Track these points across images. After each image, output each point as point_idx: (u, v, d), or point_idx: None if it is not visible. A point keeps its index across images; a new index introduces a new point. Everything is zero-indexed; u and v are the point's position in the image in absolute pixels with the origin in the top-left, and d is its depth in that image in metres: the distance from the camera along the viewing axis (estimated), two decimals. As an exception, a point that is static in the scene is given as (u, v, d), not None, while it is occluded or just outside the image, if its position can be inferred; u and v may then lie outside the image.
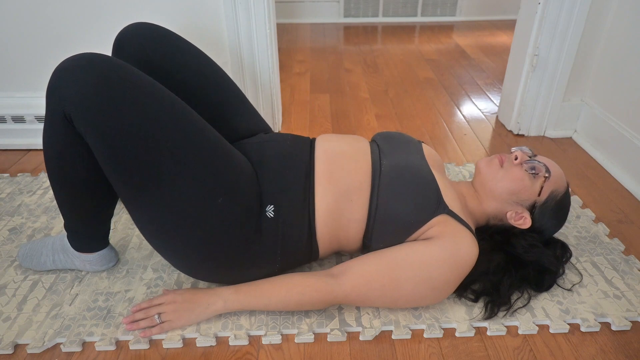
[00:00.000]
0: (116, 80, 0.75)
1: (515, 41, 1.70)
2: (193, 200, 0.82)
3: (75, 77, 0.73)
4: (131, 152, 0.77)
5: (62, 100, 0.74)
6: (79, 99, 0.73)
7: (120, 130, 0.75)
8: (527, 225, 0.96)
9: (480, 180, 0.99)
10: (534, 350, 0.89)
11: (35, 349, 0.87)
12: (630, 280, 1.03)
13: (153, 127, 0.77)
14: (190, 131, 0.81)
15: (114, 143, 0.76)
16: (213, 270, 0.91)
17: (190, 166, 0.81)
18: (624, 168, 1.44)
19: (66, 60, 0.75)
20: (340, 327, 0.92)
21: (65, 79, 0.74)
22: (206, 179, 0.82)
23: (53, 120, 0.78)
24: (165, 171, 0.79)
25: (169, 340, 0.88)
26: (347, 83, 2.26)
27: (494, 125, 1.83)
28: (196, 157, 0.81)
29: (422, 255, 0.86)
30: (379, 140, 1.04)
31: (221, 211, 0.84)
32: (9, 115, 1.54)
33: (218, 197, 0.83)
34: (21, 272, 1.05)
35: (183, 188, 0.81)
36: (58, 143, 0.81)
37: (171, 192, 0.80)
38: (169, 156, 0.78)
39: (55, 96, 0.75)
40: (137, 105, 0.76)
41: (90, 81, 0.73)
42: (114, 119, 0.75)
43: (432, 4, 3.47)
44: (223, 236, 0.85)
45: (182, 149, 0.80)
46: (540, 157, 0.99)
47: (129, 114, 0.75)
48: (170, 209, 0.82)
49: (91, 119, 0.74)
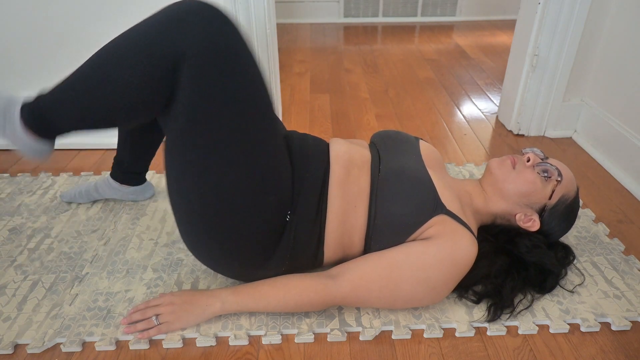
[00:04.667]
0: (242, 47, 0.77)
1: (515, 41, 1.70)
2: (247, 191, 0.82)
3: (214, 27, 0.73)
4: (219, 119, 0.76)
5: (186, 42, 0.72)
6: (207, 49, 0.73)
7: (223, 95, 0.76)
8: (535, 228, 0.96)
9: (491, 180, 0.98)
10: (534, 350, 0.89)
11: (35, 349, 0.87)
12: (630, 280, 1.03)
13: (250, 106, 0.78)
14: (271, 121, 0.83)
15: (208, 104, 0.76)
16: (225, 261, 0.90)
17: (261, 157, 0.82)
18: (624, 168, 1.44)
19: (198, 3, 0.74)
20: (340, 327, 0.92)
21: (201, 24, 0.73)
22: (269, 174, 0.83)
23: (157, 54, 0.73)
24: (238, 153, 0.80)
25: (169, 341, 0.88)
26: (347, 83, 2.26)
27: (494, 125, 1.83)
28: (268, 151, 0.83)
29: (420, 256, 0.86)
30: (377, 141, 1.04)
31: (266, 209, 0.84)
32: (9, 115, 1.54)
33: (271, 195, 0.84)
34: (21, 272, 1.05)
35: (245, 176, 0.81)
36: (144, 73, 0.74)
37: (231, 175, 0.80)
38: (248, 140, 0.79)
39: (177, 35, 0.72)
40: (247, 80, 0.77)
41: (224, 37, 0.74)
42: (223, 84, 0.75)
43: (432, 4, 3.47)
44: (253, 233, 0.85)
45: (261, 138, 0.81)
46: (552, 160, 0.98)
47: (239, 85, 0.76)
48: (221, 190, 0.81)
49: (205, 72, 0.74)
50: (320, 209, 0.90)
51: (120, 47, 0.76)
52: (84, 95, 0.79)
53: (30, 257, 1.09)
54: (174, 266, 1.07)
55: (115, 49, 0.76)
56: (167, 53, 0.73)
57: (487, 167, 1.00)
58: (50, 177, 1.42)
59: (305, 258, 0.92)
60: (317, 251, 0.92)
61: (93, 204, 1.29)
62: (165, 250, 1.12)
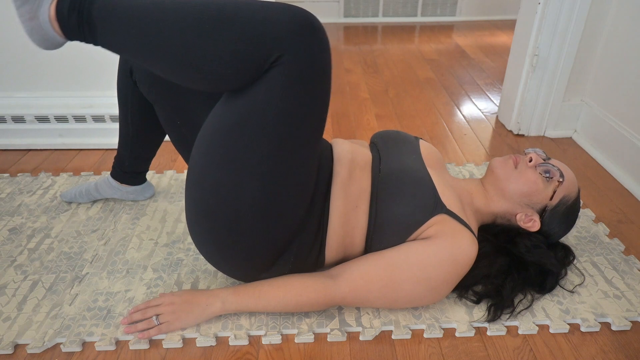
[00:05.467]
0: (329, 68, 0.76)
1: (515, 41, 1.70)
2: (289, 197, 0.82)
3: (323, 42, 0.73)
4: (282, 128, 0.76)
5: (291, 46, 0.70)
6: (304, 58, 0.72)
7: (297, 108, 0.75)
8: (535, 229, 0.96)
9: (493, 179, 0.98)
10: (534, 350, 0.89)
11: (35, 349, 0.87)
12: (630, 280, 1.03)
13: (312, 126, 0.79)
14: (319, 141, 0.83)
15: (281, 110, 0.75)
16: (232, 260, 0.89)
17: (303, 171, 0.82)
18: (624, 168, 1.44)
19: (311, 16, 0.72)
20: (340, 327, 0.92)
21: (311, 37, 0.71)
22: (308, 185, 0.85)
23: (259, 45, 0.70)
24: (299, 154, 0.80)
25: (169, 340, 0.88)
26: (347, 83, 2.26)
27: (494, 125, 1.83)
28: (311, 166, 0.84)
29: (420, 256, 0.86)
30: (377, 141, 1.04)
31: (294, 220, 0.85)
32: (9, 115, 1.54)
33: (302, 207, 0.85)
34: (21, 272, 1.05)
35: (294, 181, 0.81)
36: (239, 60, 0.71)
37: (284, 175, 0.80)
38: (310, 145, 0.80)
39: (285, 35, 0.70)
40: (322, 101, 0.77)
41: (325, 54, 0.73)
42: (304, 97, 0.75)
43: (432, 4, 3.47)
44: (273, 240, 0.85)
45: (315, 147, 0.82)
46: (554, 161, 0.98)
47: (314, 103, 0.76)
48: (254, 194, 0.80)
49: (294, 79, 0.72)
50: (324, 210, 0.90)
51: (228, 14, 0.70)
52: (161, 33, 0.70)
53: (30, 257, 1.09)
54: (174, 266, 1.07)
55: (219, 12, 0.70)
56: (269, 49, 0.70)
57: (489, 166, 1.00)
58: (50, 177, 1.42)
59: (308, 260, 0.92)
60: (320, 252, 0.92)
61: (93, 204, 1.29)
62: (165, 250, 1.12)
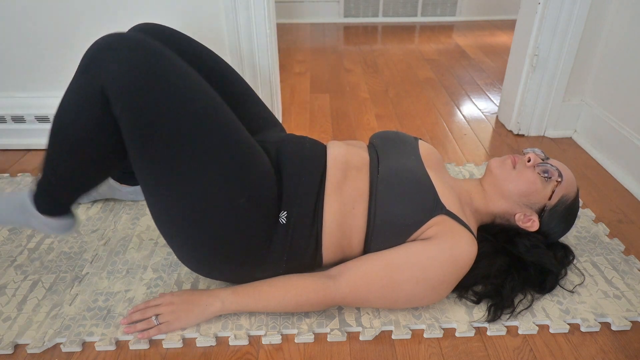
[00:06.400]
0: (161, 65, 0.76)
1: (515, 41, 1.70)
2: (215, 198, 0.82)
3: (121, 56, 0.73)
4: (164, 139, 0.77)
5: (102, 76, 0.73)
6: (122, 77, 0.73)
7: (157, 115, 0.76)
8: (534, 228, 0.96)
9: (491, 180, 0.98)
10: (534, 350, 0.89)
11: (35, 349, 0.87)
12: (630, 280, 1.03)
13: (190, 117, 0.78)
14: (223, 125, 0.82)
15: (148, 128, 0.76)
16: (217, 267, 0.91)
17: (219, 162, 0.81)
18: (624, 168, 1.44)
19: (109, 37, 0.75)
20: (340, 327, 0.92)
21: (111, 56, 0.73)
22: (232, 178, 0.83)
23: (85, 94, 0.76)
24: (194, 164, 0.79)
25: (169, 340, 0.88)
26: (347, 83, 2.26)
27: (494, 125, 1.83)
28: (226, 154, 0.82)
29: (420, 256, 0.86)
30: (376, 142, 1.04)
31: (240, 212, 0.84)
32: (9, 115, 1.54)
33: (241, 197, 0.83)
34: (21, 272, 1.05)
35: (208, 184, 0.81)
36: (85, 117, 0.78)
37: (195, 186, 0.81)
38: (200, 149, 0.79)
39: (94, 71, 0.74)
40: (177, 93, 0.77)
41: (135, 62, 0.73)
42: (153, 104, 0.75)
43: (432, 4, 3.47)
44: (236, 236, 0.85)
45: (215, 143, 0.80)
46: (552, 161, 0.98)
47: (169, 100, 0.76)
48: (191, 202, 0.82)
49: (131, 99, 0.74)
50: (317, 211, 0.90)
51: (62, 101, 0.80)
52: (58, 163, 0.84)
53: (30, 257, 1.09)
54: (174, 266, 1.07)
55: (59, 107, 0.80)
56: (92, 91, 0.75)
57: (488, 167, 1.00)
58: (50, 177, 1.42)
59: (304, 259, 0.92)
60: (316, 252, 0.92)
61: (93, 204, 1.29)
62: (165, 250, 1.12)
